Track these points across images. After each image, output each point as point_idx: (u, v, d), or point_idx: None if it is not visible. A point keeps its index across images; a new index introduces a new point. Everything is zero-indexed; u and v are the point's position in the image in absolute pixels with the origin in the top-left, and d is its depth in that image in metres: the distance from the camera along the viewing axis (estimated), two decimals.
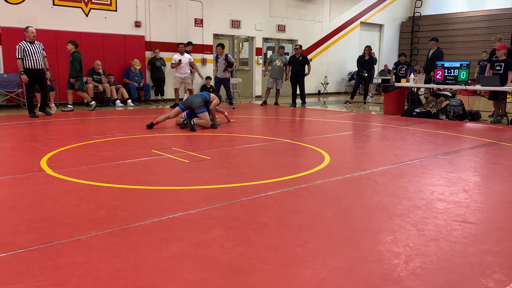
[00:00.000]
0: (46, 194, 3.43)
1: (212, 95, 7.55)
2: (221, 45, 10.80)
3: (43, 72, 8.56)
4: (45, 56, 8.64)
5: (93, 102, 10.08)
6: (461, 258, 2.35)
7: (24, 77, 8.22)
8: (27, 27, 8.44)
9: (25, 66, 8.24)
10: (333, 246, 2.48)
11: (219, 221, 2.85)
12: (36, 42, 8.45)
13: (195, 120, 7.16)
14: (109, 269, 2.16)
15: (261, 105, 11.88)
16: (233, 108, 10.72)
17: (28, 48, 8.23)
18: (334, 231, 2.72)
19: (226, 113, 8.11)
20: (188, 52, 11.45)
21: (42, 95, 8.84)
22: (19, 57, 8.18)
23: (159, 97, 12.19)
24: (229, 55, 10.92)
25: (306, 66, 11.65)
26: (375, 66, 13.77)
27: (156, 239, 2.53)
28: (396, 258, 2.33)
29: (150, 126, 7.14)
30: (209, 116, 7.31)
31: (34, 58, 8.30)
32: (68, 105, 9.85)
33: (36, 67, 8.36)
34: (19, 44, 8.24)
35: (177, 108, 7.31)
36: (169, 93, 12.57)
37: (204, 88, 12.44)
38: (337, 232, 2.69)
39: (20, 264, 2.20)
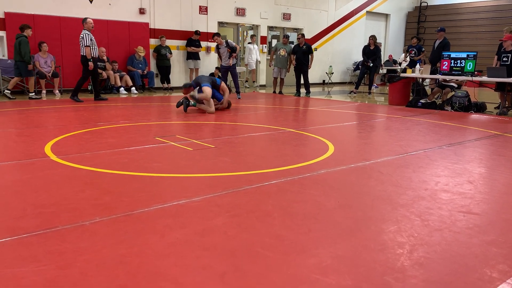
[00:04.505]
0: (51, 179, 3.44)
1: (225, 86, 7.89)
2: (217, 34, 10.36)
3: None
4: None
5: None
6: (465, 248, 2.34)
7: (91, 65, 8.75)
8: (86, 18, 8.89)
9: (92, 55, 8.82)
10: (337, 234, 2.48)
11: (223, 208, 2.85)
12: None
13: (192, 101, 7.43)
14: (113, 254, 2.17)
15: (279, 93, 12.09)
16: (240, 98, 10.54)
17: (93, 38, 8.76)
18: (338, 220, 2.71)
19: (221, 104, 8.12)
20: None
21: (96, 82, 9.34)
22: (88, 44, 8.64)
23: (165, 85, 12.16)
24: (229, 40, 10.64)
25: (310, 56, 11.56)
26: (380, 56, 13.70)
27: (160, 226, 2.54)
28: (400, 247, 2.32)
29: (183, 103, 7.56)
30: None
31: (95, 47, 8.87)
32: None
33: (96, 55, 8.97)
34: (86, 32, 8.70)
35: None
36: (175, 81, 12.55)
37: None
38: (341, 221, 2.69)
39: (25, 248, 2.21)
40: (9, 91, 9.36)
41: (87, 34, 8.68)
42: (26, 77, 9.37)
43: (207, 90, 7.34)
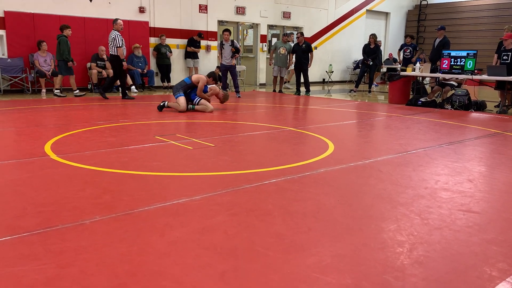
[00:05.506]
0: (51, 178, 3.45)
1: (196, 76, 7.70)
2: (228, 31, 10.53)
3: None
4: None
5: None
6: (465, 247, 2.34)
7: (125, 64, 9.01)
8: (116, 19, 9.03)
9: (124, 55, 9.04)
10: (337, 233, 2.48)
11: (223, 207, 2.86)
12: None
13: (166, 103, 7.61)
14: (113, 253, 2.17)
15: (279, 92, 12.11)
16: (239, 96, 10.55)
17: (123, 39, 8.94)
18: (338, 218, 2.72)
19: (220, 94, 8.16)
20: None
21: (114, 81, 9.73)
22: (120, 45, 8.83)
23: (165, 84, 12.14)
24: (234, 40, 10.77)
25: (309, 55, 11.55)
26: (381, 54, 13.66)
27: (161, 224, 2.54)
28: (400, 246, 2.33)
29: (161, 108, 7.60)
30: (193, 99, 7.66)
31: (124, 48, 9.06)
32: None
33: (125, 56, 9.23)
34: (117, 33, 8.86)
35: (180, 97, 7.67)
36: (175, 79, 12.53)
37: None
38: (340, 220, 2.69)
39: (25, 247, 2.22)
40: (57, 91, 9.68)
41: (118, 35, 8.84)
42: (66, 75, 9.58)
43: (180, 100, 7.50)
